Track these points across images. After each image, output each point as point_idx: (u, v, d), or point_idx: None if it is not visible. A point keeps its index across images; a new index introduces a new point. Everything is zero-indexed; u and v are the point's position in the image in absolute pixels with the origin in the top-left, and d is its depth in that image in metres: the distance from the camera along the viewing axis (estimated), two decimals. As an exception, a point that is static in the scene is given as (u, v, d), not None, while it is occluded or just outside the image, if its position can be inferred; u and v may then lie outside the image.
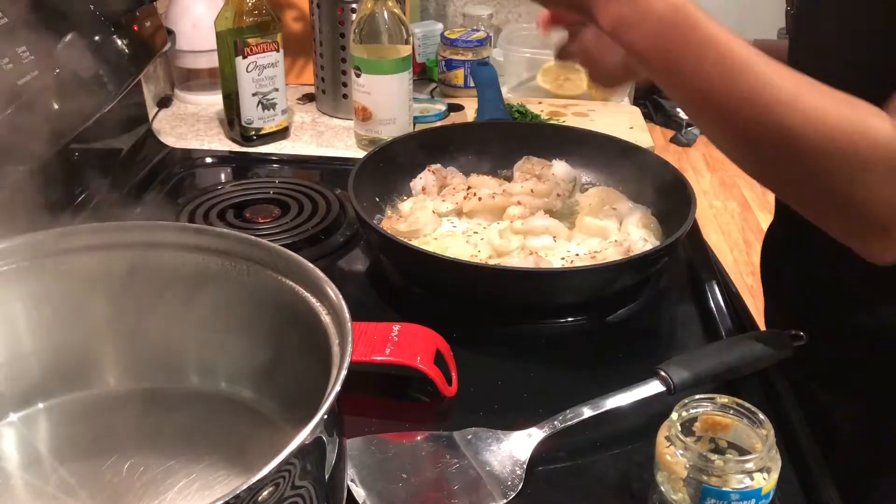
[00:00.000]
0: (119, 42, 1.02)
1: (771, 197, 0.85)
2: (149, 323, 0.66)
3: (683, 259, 0.97)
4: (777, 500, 0.60)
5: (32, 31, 0.87)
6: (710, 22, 0.65)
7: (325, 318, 0.56)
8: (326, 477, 0.51)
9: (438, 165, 1.07)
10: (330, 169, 1.24)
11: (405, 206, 1.02)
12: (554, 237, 0.94)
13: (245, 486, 0.42)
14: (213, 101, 1.41)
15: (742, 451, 0.61)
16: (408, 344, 0.74)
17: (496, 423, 0.70)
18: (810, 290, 0.84)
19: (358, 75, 1.21)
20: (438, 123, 1.37)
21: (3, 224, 0.66)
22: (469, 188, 1.02)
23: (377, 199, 1.03)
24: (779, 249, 0.95)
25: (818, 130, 0.60)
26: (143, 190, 1.13)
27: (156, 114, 1.38)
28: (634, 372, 0.72)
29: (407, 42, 1.20)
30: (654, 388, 0.71)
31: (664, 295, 0.93)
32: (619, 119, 1.38)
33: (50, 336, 0.65)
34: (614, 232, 0.95)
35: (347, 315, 0.54)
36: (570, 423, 0.68)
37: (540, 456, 0.67)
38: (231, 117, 1.28)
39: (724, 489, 0.58)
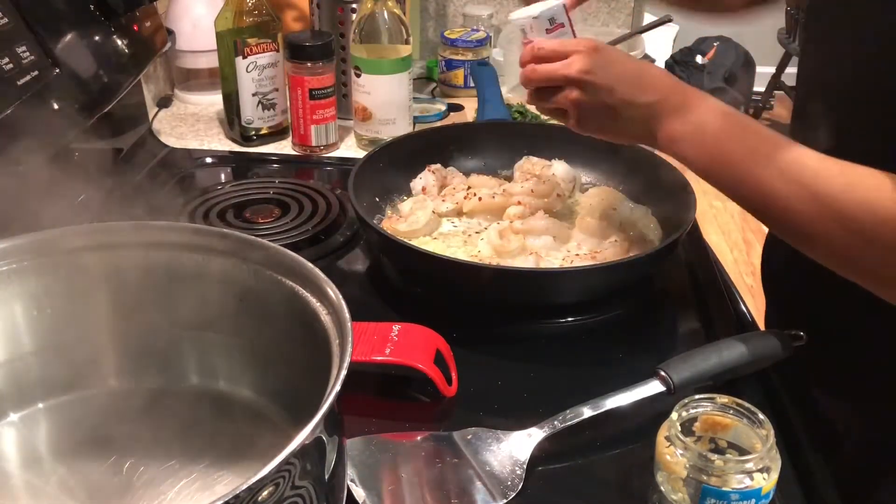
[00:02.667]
0: (119, 42, 1.02)
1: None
2: (149, 323, 0.66)
3: (683, 259, 0.97)
4: (777, 500, 0.60)
5: (32, 31, 0.87)
6: (758, 124, 0.71)
7: (325, 318, 0.56)
8: (326, 477, 0.51)
9: (438, 165, 1.07)
10: (330, 169, 1.24)
11: (405, 206, 1.02)
12: (554, 237, 0.94)
13: (245, 486, 0.41)
14: (213, 101, 1.41)
15: (742, 451, 0.61)
16: (408, 344, 0.74)
17: (496, 423, 0.70)
18: (812, 292, 0.84)
19: (358, 75, 1.21)
20: (438, 123, 1.37)
21: (3, 224, 0.66)
22: (469, 188, 1.02)
23: (377, 199, 1.03)
24: (780, 251, 0.95)
25: (875, 215, 0.63)
26: (143, 190, 1.13)
27: (156, 114, 1.38)
28: (634, 372, 0.72)
29: (407, 42, 1.20)
30: (654, 388, 0.71)
31: (664, 295, 0.93)
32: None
33: (50, 336, 0.65)
34: (614, 232, 0.95)
35: (347, 315, 0.54)
36: (570, 423, 0.68)
37: (540, 456, 0.67)
38: (231, 117, 1.28)
39: (723, 489, 0.58)
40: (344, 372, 0.49)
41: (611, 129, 0.79)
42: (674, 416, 0.61)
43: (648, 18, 1.64)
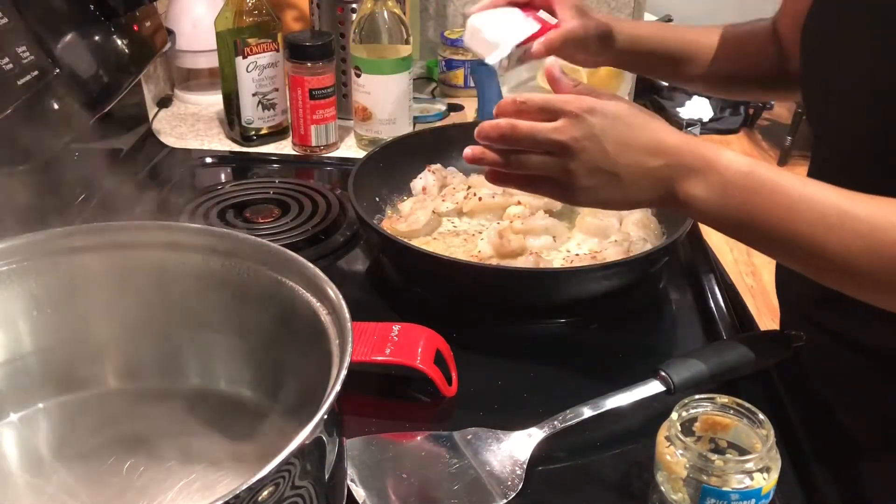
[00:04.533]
0: (119, 42, 1.02)
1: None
2: (149, 323, 0.66)
3: (683, 259, 0.97)
4: (777, 500, 0.60)
5: (32, 31, 0.87)
6: (784, 175, 0.65)
7: (325, 318, 0.56)
8: (326, 477, 0.51)
9: (438, 165, 1.07)
10: (330, 169, 1.25)
11: (405, 206, 1.02)
12: (554, 237, 0.94)
13: (245, 486, 0.41)
14: (213, 101, 1.41)
15: (742, 451, 0.61)
16: (408, 344, 0.74)
17: (496, 423, 0.70)
18: (822, 296, 0.84)
19: (358, 75, 1.21)
20: (438, 123, 1.37)
21: (3, 224, 0.66)
22: (469, 188, 1.02)
23: (377, 199, 1.03)
24: None
25: None
26: (143, 190, 1.13)
27: (156, 114, 1.38)
28: (634, 372, 0.72)
29: (407, 42, 1.20)
30: (654, 388, 0.71)
31: (664, 295, 0.93)
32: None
33: (50, 336, 0.65)
34: (614, 232, 0.95)
35: (347, 315, 0.54)
36: (570, 423, 0.68)
37: (540, 456, 0.67)
38: (231, 117, 1.28)
39: (723, 489, 0.58)
40: (344, 372, 0.49)
41: (613, 199, 0.69)
42: (674, 416, 0.61)
43: (648, 18, 1.64)
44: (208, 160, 1.25)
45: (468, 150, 0.72)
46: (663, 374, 0.71)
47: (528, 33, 0.88)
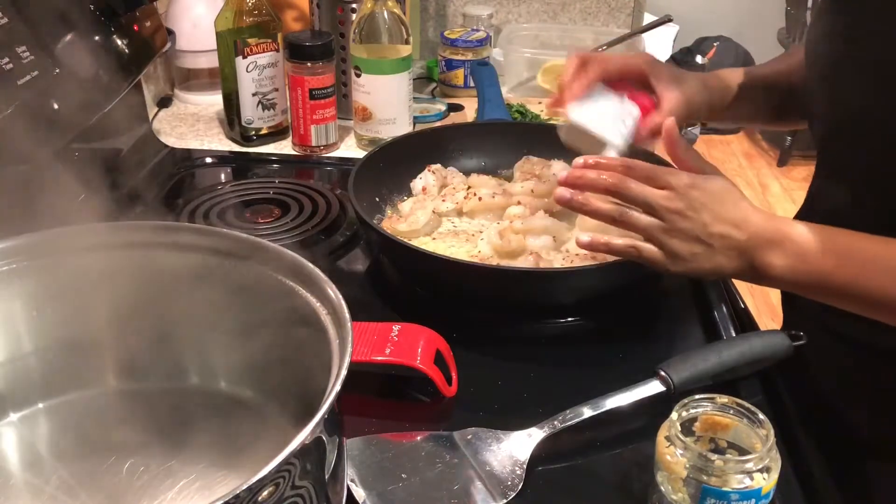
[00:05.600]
0: (119, 42, 1.02)
1: (772, 198, 0.85)
2: (149, 323, 0.66)
3: (683, 259, 0.97)
4: (777, 500, 0.60)
5: (32, 31, 0.86)
6: (854, 235, 0.70)
7: (325, 318, 0.56)
8: (326, 477, 0.51)
9: (438, 165, 1.07)
10: (330, 169, 1.25)
11: (405, 206, 1.02)
12: (554, 237, 0.94)
13: (245, 486, 0.42)
14: (213, 101, 1.41)
15: (742, 451, 0.61)
16: (408, 344, 0.74)
17: (496, 423, 0.70)
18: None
19: (358, 75, 1.21)
20: (438, 123, 1.37)
21: (3, 224, 0.66)
22: (469, 188, 1.02)
23: (377, 199, 1.03)
24: None
25: None
26: (143, 190, 1.13)
27: (156, 114, 1.38)
28: (634, 372, 0.73)
29: (407, 42, 1.20)
30: (654, 388, 0.71)
31: (664, 295, 0.93)
32: (619, 119, 1.37)
33: (50, 336, 0.65)
34: (614, 232, 0.95)
35: (347, 315, 0.54)
36: (570, 423, 0.68)
37: (540, 456, 0.67)
38: (231, 117, 1.28)
39: (724, 489, 0.58)
40: (344, 372, 0.49)
41: (703, 267, 0.73)
42: (674, 416, 0.61)
43: (648, 18, 1.64)
44: (208, 160, 1.25)
45: (564, 193, 0.75)
46: (663, 374, 0.71)
47: (632, 124, 0.84)
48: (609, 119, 0.84)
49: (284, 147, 1.29)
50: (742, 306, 0.93)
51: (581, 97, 0.85)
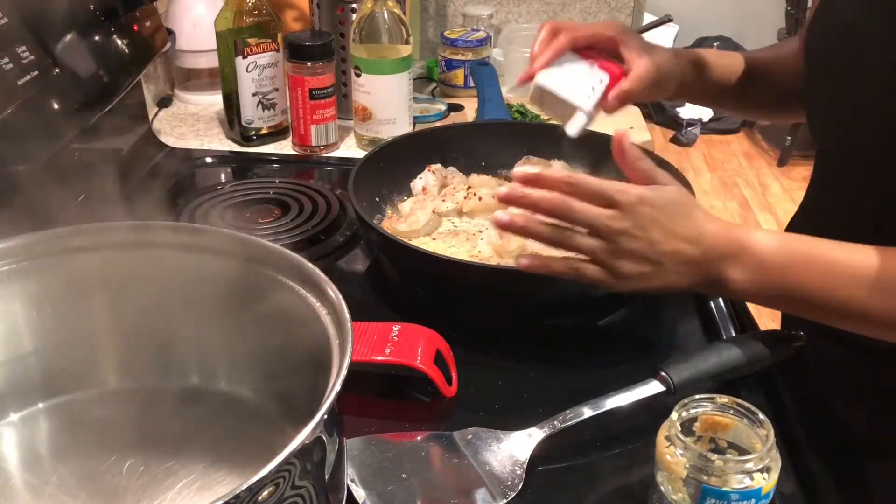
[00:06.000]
0: (119, 42, 1.02)
1: (771, 198, 0.85)
2: (149, 323, 0.66)
3: (683, 259, 0.97)
4: (777, 500, 0.60)
5: (32, 31, 0.86)
6: (815, 243, 0.68)
7: (325, 318, 0.56)
8: (326, 477, 0.51)
9: (438, 165, 1.07)
10: (330, 169, 1.25)
11: (405, 206, 1.02)
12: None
13: (245, 486, 0.42)
14: (213, 101, 1.41)
15: (742, 451, 0.61)
16: (408, 344, 0.74)
17: (496, 423, 0.70)
18: None
19: (358, 75, 1.21)
20: (438, 123, 1.37)
21: (3, 224, 0.66)
22: (469, 188, 1.02)
23: (377, 199, 1.03)
24: None
25: None
26: (143, 190, 1.13)
27: (156, 114, 1.38)
28: (634, 372, 0.72)
29: (407, 42, 1.20)
30: (654, 388, 0.71)
31: (664, 295, 0.93)
32: (619, 119, 1.37)
33: (50, 336, 0.65)
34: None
35: (347, 315, 0.54)
36: (570, 423, 0.68)
37: (540, 456, 0.67)
38: (231, 117, 1.28)
39: (724, 489, 0.58)
40: (344, 372, 0.49)
41: (654, 285, 0.70)
42: (674, 416, 0.61)
43: (648, 18, 1.64)
44: (208, 160, 1.25)
45: (503, 216, 0.71)
46: (663, 374, 0.71)
47: (601, 90, 0.84)
48: (577, 84, 0.83)
49: (284, 147, 1.29)
50: (742, 306, 0.93)
51: (550, 63, 0.84)
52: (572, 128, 0.83)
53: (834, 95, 0.78)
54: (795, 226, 0.90)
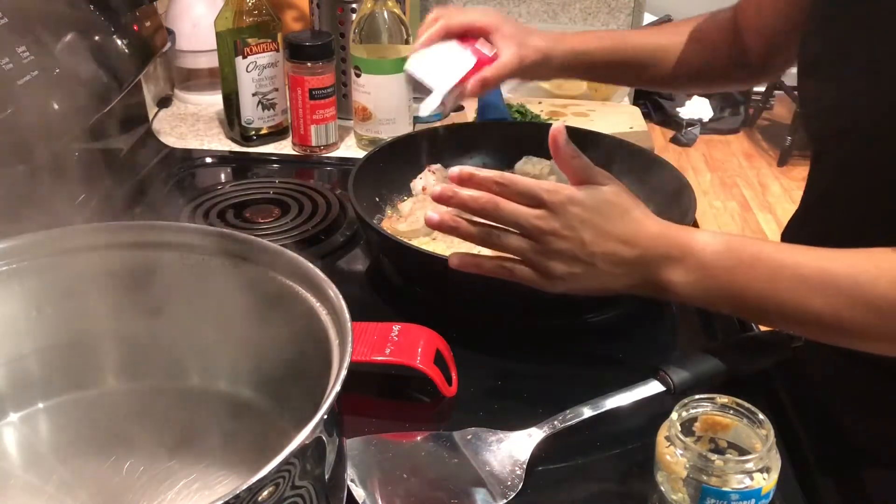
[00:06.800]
0: (119, 42, 1.02)
1: (771, 197, 0.85)
2: (148, 323, 0.66)
3: (683, 259, 0.97)
4: (777, 500, 0.60)
5: (32, 31, 0.86)
6: (759, 244, 0.67)
7: (325, 318, 0.56)
8: (326, 477, 0.51)
9: (438, 165, 1.07)
10: (330, 169, 1.25)
11: (405, 206, 1.02)
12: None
13: (245, 486, 0.42)
14: (213, 101, 1.41)
15: (742, 451, 0.61)
16: (408, 344, 0.74)
17: (496, 423, 0.70)
18: None
19: (358, 75, 1.21)
20: (438, 123, 1.37)
21: (3, 224, 0.66)
22: (469, 188, 1.02)
23: (377, 199, 1.03)
24: None
25: None
26: (143, 190, 1.13)
27: (156, 114, 1.38)
28: (634, 372, 0.72)
29: (407, 42, 1.20)
30: (654, 388, 0.71)
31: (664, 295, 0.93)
32: (619, 119, 1.38)
33: (50, 336, 0.65)
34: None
35: (347, 315, 0.54)
36: (570, 423, 0.68)
37: (540, 456, 0.67)
38: (231, 117, 1.28)
39: (723, 489, 0.58)
40: (344, 372, 0.49)
41: (588, 287, 0.70)
42: (674, 416, 0.61)
43: (648, 18, 1.64)
44: (208, 160, 1.25)
45: (433, 216, 0.71)
46: (663, 374, 0.71)
47: (461, 74, 0.87)
48: (438, 68, 0.88)
49: (284, 147, 1.29)
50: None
51: (423, 47, 0.90)
52: (424, 108, 0.88)
53: (830, 92, 0.78)
54: (794, 228, 0.90)
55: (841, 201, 0.80)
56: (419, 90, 0.90)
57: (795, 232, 0.89)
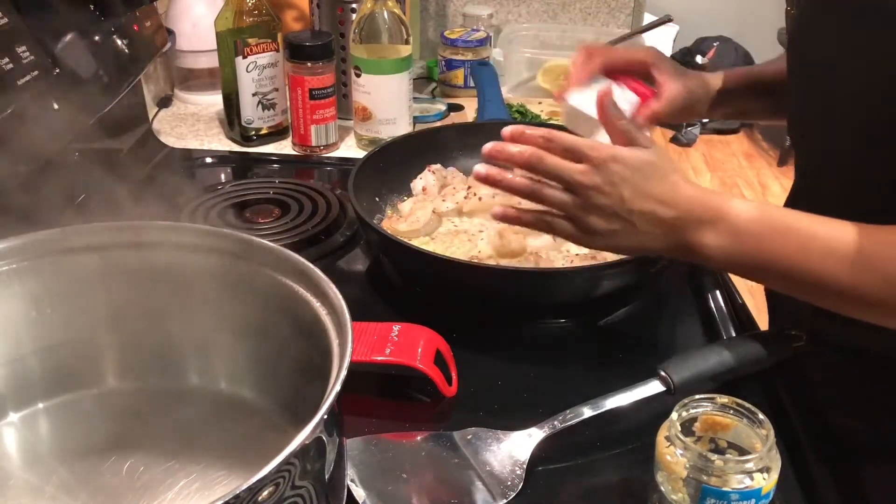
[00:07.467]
0: (119, 42, 1.02)
1: (771, 197, 0.86)
2: (149, 323, 0.66)
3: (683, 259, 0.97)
4: (777, 500, 0.60)
5: (32, 31, 0.86)
6: (792, 214, 0.67)
7: (325, 318, 0.56)
8: (326, 477, 0.51)
9: (438, 165, 1.07)
10: (330, 169, 1.25)
11: (405, 206, 1.02)
12: (554, 237, 0.94)
13: (245, 486, 0.41)
14: (213, 101, 1.41)
15: (742, 451, 0.61)
16: (408, 344, 0.74)
17: (496, 423, 0.70)
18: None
19: (358, 75, 1.21)
20: (438, 123, 1.37)
21: (4, 224, 0.66)
22: (469, 188, 1.02)
23: (377, 199, 1.03)
24: None
25: None
26: (143, 190, 1.12)
27: (156, 114, 1.38)
28: (634, 372, 0.72)
29: (407, 42, 1.20)
30: (654, 388, 0.71)
31: (664, 295, 0.93)
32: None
33: (50, 336, 0.65)
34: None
35: (347, 315, 0.54)
36: (570, 423, 0.68)
37: (540, 456, 0.67)
38: (231, 117, 1.28)
39: (723, 489, 0.58)
40: (344, 372, 0.49)
41: (626, 245, 0.72)
42: (674, 416, 0.61)
43: (648, 18, 1.64)
44: (208, 160, 1.26)
45: (482, 169, 0.73)
46: (663, 374, 0.71)
47: (629, 111, 0.84)
48: None
49: (284, 147, 1.29)
50: (742, 306, 0.93)
51: (580, 82, 0.86)
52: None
53: (818, 89, 0.78)
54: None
55: (826, 197, 0.80)
56: (575, 124, 0.85)
57: None
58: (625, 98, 0.86)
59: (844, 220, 0.67)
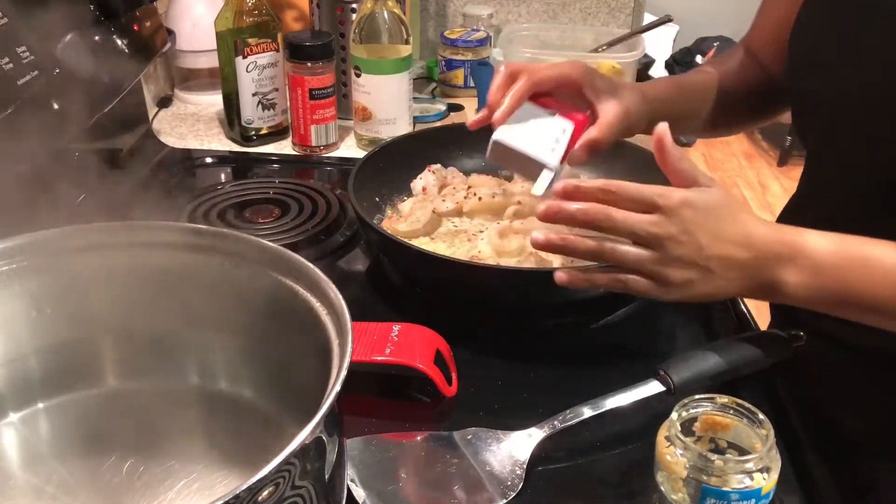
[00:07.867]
0: (119, 42, 1.02)
1: (771, 197, 0.85)
2: (149, 323, 0.66)
3: (683, 259, 0.97)
4: (777, 500, 0.60)
5: (32, 31, 0.86)
6: (870, 244, 0.65)
7: (325, 318, 0.56)
8: (326, 477, 0.51)
9: (438, 165, 1.07)
10: (330, 169, 1.25)
11: (405, 206, 1.02)
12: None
13: (245, 486, 0.41)
14: (213, 101, 1.41)
15: (742, 451, 0.61)
16: (408, 344, 0.74)
17: (496, 423, 0.70)
18: None
19: (358, 75, 1.21)
20: (438, 123, 1.37)
21: (3, 224, 0.66)
22: (469, 188, 1.02)
23: (377, 199, 1.03)
24: None
25: None
26: (143, 190, 1.13)
27: (156, 114, 1.38)
28: (634, 372, 0.72)
29: (407, 42, 1.20)
30: (654, 388, 0.71)
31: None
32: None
33: (50, 336, 0.65)
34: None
35: (347, 315, 0.54)
36: (570, 423, 0.68)
37: (540, 456, 0.67)
38: (231, 117, 1.28)
39: (723, 489, 0.58)
40: (344, 372, 0.49)
41: (705, 292, 0.67)
42: (674, 416, 0.61)
43: (648, 18, 1.64)
44: (208, 160, 1.25)
45: (539, 236, 0.68)
46: (663, 374, 0.71)
47: (565, 141, 0.76)
48: (538, 136, 0.77)
49: (284, 147, 1.29)
50: (742, 306, 0.93)
51: (509, 114, 0.78)
52: (539, 187, 0.76)
53: (832, 88, 0.78)
54: (785, 220, 0.90)
55: (834, 197, 0.80)
56: (506, 161, 0.77)
57: (787, 220, 0.89)
58: (558, 126, 0.78)
59: (849, 223, 0.67)
